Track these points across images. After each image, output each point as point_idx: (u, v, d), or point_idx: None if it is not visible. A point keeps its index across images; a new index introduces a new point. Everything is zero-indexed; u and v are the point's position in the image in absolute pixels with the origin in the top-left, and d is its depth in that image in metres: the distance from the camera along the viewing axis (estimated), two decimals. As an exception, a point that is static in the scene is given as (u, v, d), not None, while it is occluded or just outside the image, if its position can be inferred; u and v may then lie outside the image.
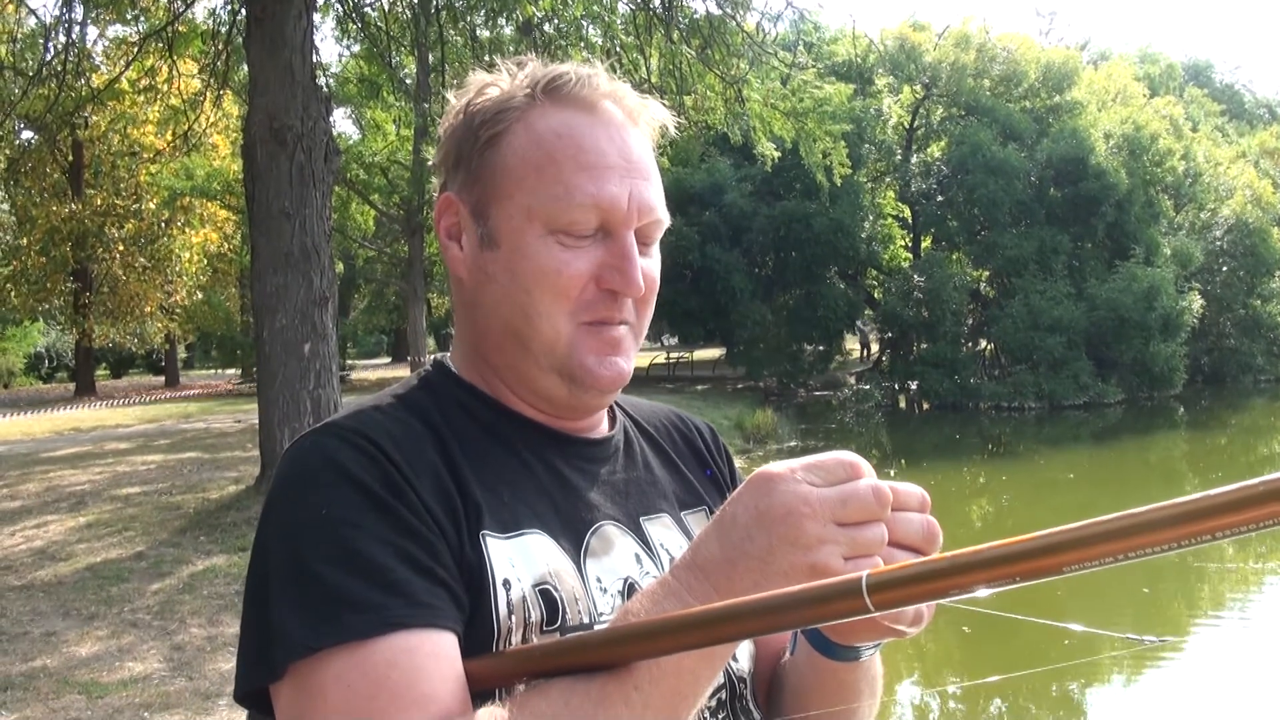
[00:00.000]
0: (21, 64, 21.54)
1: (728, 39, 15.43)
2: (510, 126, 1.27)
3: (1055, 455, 23.67)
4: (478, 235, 1.28)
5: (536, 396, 1.32)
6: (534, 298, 1.24)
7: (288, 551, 1.10)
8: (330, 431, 1.19)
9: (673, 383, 34.51)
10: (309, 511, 1.11)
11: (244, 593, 1.17)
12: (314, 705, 1.03)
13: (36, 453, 17.81)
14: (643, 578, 1.29)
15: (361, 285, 43.67)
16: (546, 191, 1.23)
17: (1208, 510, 0.79)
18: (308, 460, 1.16)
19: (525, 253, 1.24)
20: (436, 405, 1.28)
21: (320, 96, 11.57)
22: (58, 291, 33.60)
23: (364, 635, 1.03)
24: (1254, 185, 38.35)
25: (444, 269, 1.42)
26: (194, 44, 16.85)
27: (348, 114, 33.78)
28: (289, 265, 11.05)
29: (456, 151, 1.31)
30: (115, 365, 51.52)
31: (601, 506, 1.32)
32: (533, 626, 1.16)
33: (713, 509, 1.40)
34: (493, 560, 1.16)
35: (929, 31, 38.05)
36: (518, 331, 1.27)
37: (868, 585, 0.91)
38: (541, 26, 16.64)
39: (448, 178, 1.33)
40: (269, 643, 1.06)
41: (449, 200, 1.32)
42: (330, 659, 1.03)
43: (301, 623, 1.04)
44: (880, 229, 36.69)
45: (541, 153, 1.25)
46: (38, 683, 6.71)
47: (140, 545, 10.29)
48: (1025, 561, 0.89)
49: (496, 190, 1.27)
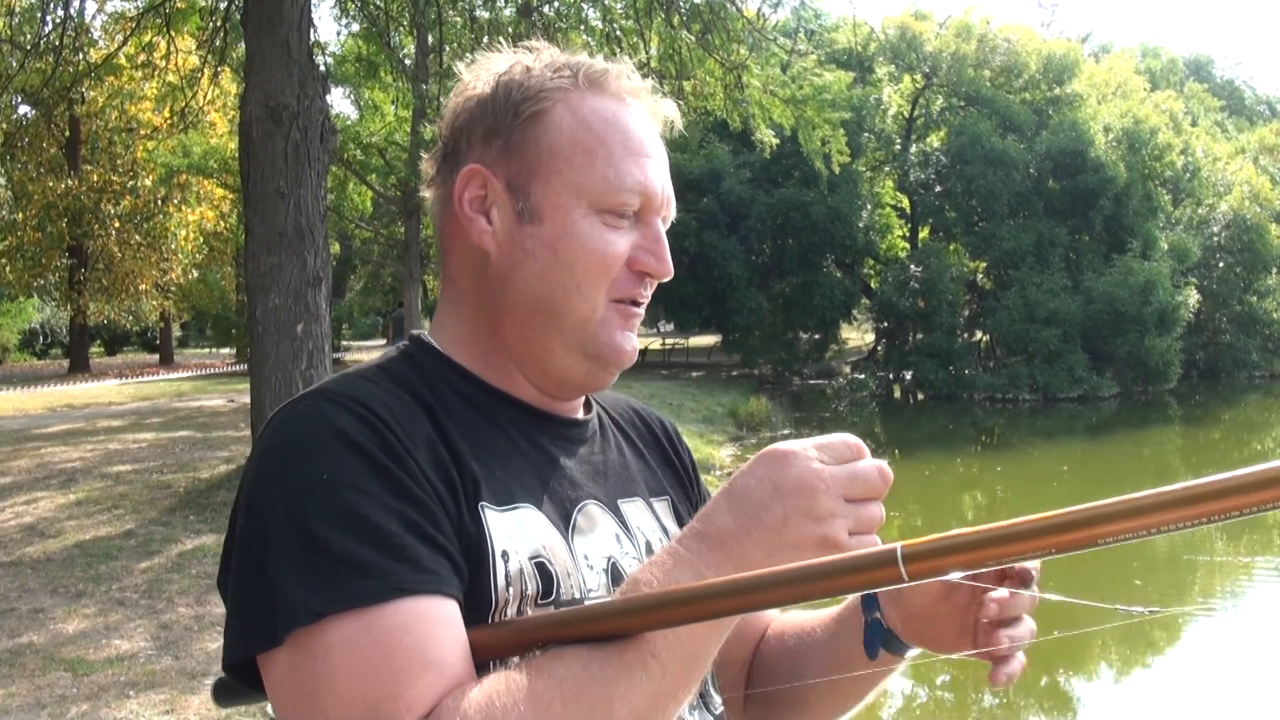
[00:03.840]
0: (19, 38, 21.41)
1: (728, 24, 15.36)
2: (554, 106, 1.28)
3: (1049, 447, 23.70)
4: (515, 209, 1.28)
5: (544, 376, 1.33)
6: (576, 275, 1.26)
7: (289, 515, 1.07)
8: (325, 397, 1.17)
9: (667, 369, 34.55)
10: (310, 475, 1.08)
11: (229, 558, 1.16)
12: (322, 671, 1.01)
13: (29, 429, 17.77)
14: (624, 557, 1.30)
15: (357, 266, 43.56)
16: (598, 173, 1.26)
17: (1231, 489, 0.85)
18: (305, 424, 1.14)
19: (571, 230, 1.26)
20: (423, 379, 1.27)
21: (317, 75, 11.51)
22: (53, 268, 33.56)
23: (373, 600, 1.02)
24: (1252, 181, 38.39)
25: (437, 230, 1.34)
26: (192, 20, 16.76)
27: (346, 94, 33.66)
28: (283, 245, 10.99)
29: (491, 122, 1.30)
30: (110, 342, 51.51)
31: (585, 485, 1.34)
32: (529, 599, 1.17)
33: (674, 499, 1.47)
34: (492, 531, 1.17)
35: (930, 21, 38.06)
36: (553, 308, 1.27)
37: (903, 555, 0.95)
38: (541, 9, 16.60)
39: (472, 149, 1.31)
40: (269, 609, 1.04)
41: (477, 172, 1.29)
42: (338, 624, 1.02)
43: (307, 588, 1.02)
44: (878, 218, 36.73)
45: (591, 135, 1.27)
46: (24, 659, 6.68)
47: (130, 524, 10.27)
48: (1061, 534, 0.91)
49: (541, 166, 1.27)
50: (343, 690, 1.00)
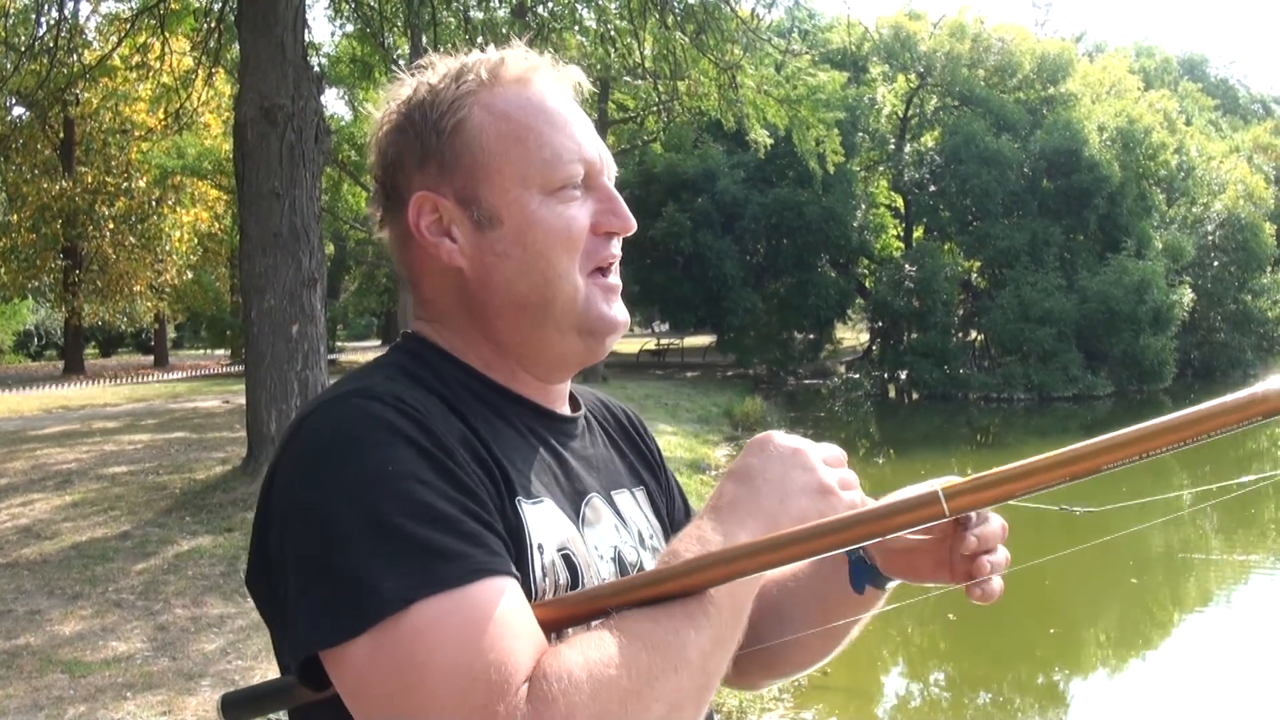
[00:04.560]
0: (13, 39, 21.43)
1: (722, 25, 15.40)
2: (470, 111, 1.31)
3: (1044, 447, 23.14)
4: (472, 220, 1.30)
5: (546, 364, 1.37)
6: (551, 260, 1.30)
7: (359, 508, 1.08)
8: (366, 394, 1.18)
9: (662, 369, 34.55)
10: (373, 468, 1.10)
11: (267, 560, 1.17)
12: (422, 652, 1.03)
13: (24, 430, 17.75)
14: (624, 546, 1.38)
15: (352, 267, 43.50)
16: (534, 157, 1.30)
17: (1205, 417, 1.09)
18: (356, 421, 1.15)
19: (532, 220, 1.29)
20: (438, 378, 1.29)
21: (312, 76, 11.52)
22: (47, 269, 33.48)
23: (459, 582, 1.05)
24: (1247, 180, 38.43)
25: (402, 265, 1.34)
26: (186, 21, 16.78)
27: (340, 95, 33.65)
28: (278, 246, 11.00)
29: (418, 148, 1.32)
30: (104, 344, 51.43)
31: (586, 479, 1.39)
32: (560, 589, 1.23)
33: (649, 488, 1.55)
34: (529, 525, 1.22)
35: (924, 20, 38.07)
36: (540, 299, 1.31)
37: (944, 494, 1.14)
38: (535, 9, 16.61)
39: (410, 178, 1.33)
40: (353, 599, 1.05)
41: (426, 198, 1.31)
42: (429, 607, 1.04)
43: (393, 576, 1.04)
44: (873, 218, 36.76)
45: (514, 124, 1.30)
46: (21, 661, 6.68)
47: (126, 525, 10.25)
48: (1073, 465, 1.13)
49: (480, 171, 1.30)
50: (446, 666, 1.02)
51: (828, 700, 8.01)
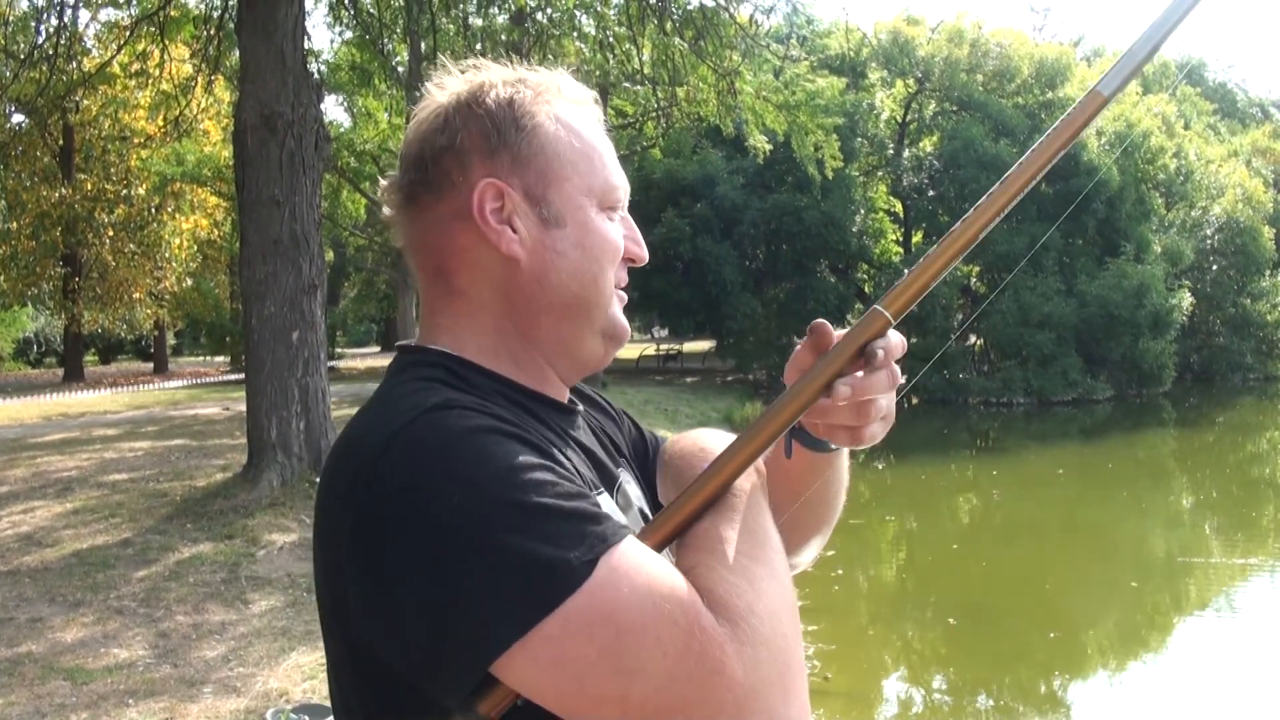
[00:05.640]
0: (13, 47, 21.46)
1: (721, 31, 15.41)
2: (543, 119, 1.37)
3: (1044, 451, 23.74)
4: (538, 216, 1.35)
5: (572, 362, 1.43)
6: (602, 266, 1.37)
7: (501, 500, 1.09)
8: (450, 406, 1.19)
9: (662, 375, 34.55)
10: (495, 463, 1.12)
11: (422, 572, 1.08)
12: (617, 606, 1.07)
13: (24, 438, 17.75)
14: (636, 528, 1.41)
15: (352, 274, 43.56)
16: (598, 174, 1.38)
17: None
18: (455, 426, 1.16)
19: (592, 228, 1.37)
20: (475, 391, 1.30)
21: (311, 83, 11.54)
22: (47, 276, 33.47)
23: (617, 539, 1.10)
24: (1245, 184, 38.45)
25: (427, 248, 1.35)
26: (186, 29, 16.78)
27: (339, 101, 33.74)
28: (278, 253, 11.02)
29: (493, 137, 1.35)
30: (104, 351, 51.35)
31: (608, 467, 1.47)
32: None
33: (627, 458, 1.62)
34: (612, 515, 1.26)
35: (923, 26, 38.06)
36: (586, 300, 1.37)
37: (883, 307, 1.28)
38: (534, 16, 16.63)
39: (475, 164, 1.34)
40: (534, 579, 1.06)
41: (493, 185, 1.33)
42: (608, 562, 1.08)
43: (562, 547, 1.07)
44: (872, 223, 36.75)
45: (582, 142, 1.38)
46: (23, 668, 6.69)
47: (127, 532, 10.26)
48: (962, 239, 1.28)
49: (553, 174, 1.36)
50: (642, 607, 1.07)
51: (828, 705, 8.02)
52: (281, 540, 9.74)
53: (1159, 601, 11.99)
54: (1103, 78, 1.38)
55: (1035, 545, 13.94)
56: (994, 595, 11.34)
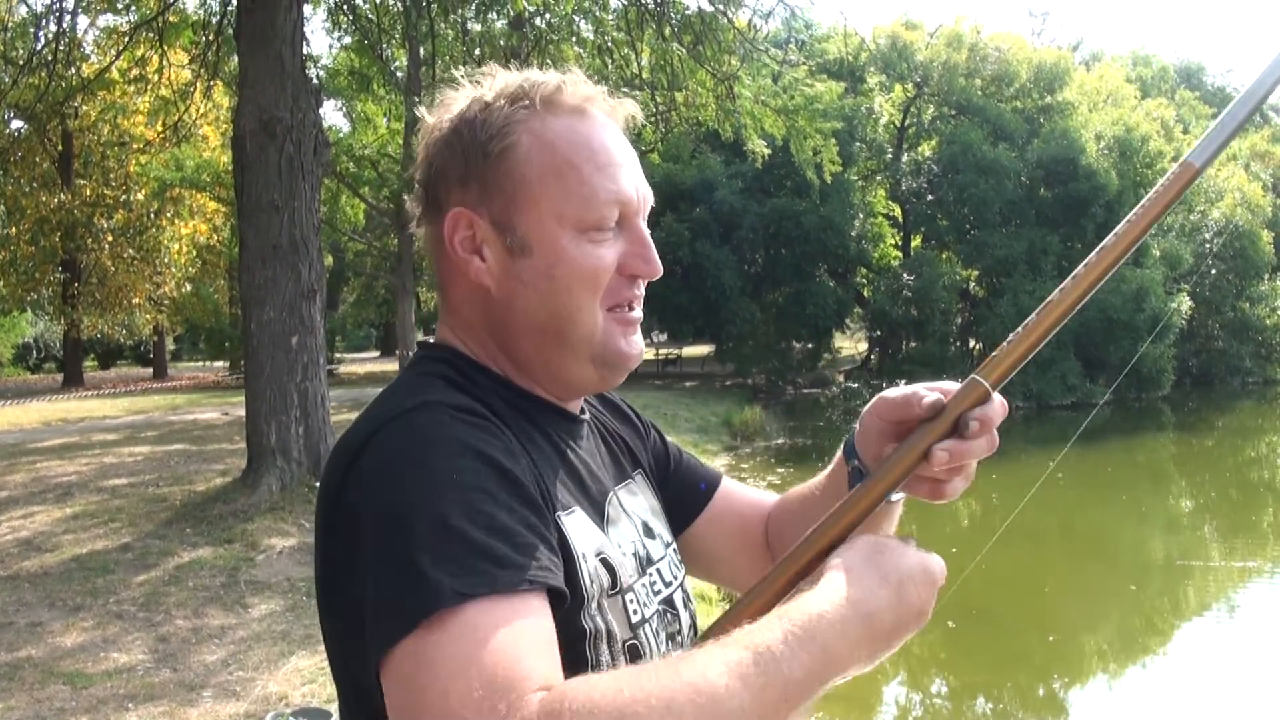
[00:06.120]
0: (12, 53, 21.46)
1: (719, 35, 15.42)
2: (519, 137, 1.33)
3: (1042, 454, 23.69)
4: (504, 245, 1.33)
5: (562, 386, 1.41)
6: (574, 296, 1.33)
7: (428, 513, 1.10)
8: (434, 407, 1.21)
9: (661, 379, 34.53)
10: (442, 477, 1.12)
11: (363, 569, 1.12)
12: (465, 646, 1.04)
13: (24, 443, 17.75)
14: (635, 542, 1.42)
15: (351, 278, 43.61)
16: (573, 195, 1.32)
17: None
18: (427, 432, 1.18)
19: (562, 256, 1.32)
20: (476, 388, 1.32)
21: (310, 89, 11.55)
22: (46, 282, 33.51)
23: (511, 588, 1.08)
24: (1244, 188, 38.47)
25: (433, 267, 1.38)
26: (185, 34, 16.80)
27: (338, 107, 33.73)
28: (277, 258, 11.03)
29: (462, 165, 1.34)
30: (103, 356, 51.38)
31: (603, 478, 1.45)
32: (604, 592, 1.29)
33: (644, 466, 1.61)
34: (570, 537, 1.26)
35: (921, 30, 38.10)
36: (559, 330, 1.34)
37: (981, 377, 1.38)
38: (533, 21, 16.63)
39: (451, 192, 1.36)
40: (415, 594, 1.06)
41: (462, 215, 1.34)
42: (479, 606, 1.05)
43: (451, 575, 1.06)
44: (870, 227, 36.76)
45: (559, 159, 1.33)
46: (23, 673, 6.69)
47: (126, 537, 10.26)
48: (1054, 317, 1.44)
49: (519, 200, 1.32)
50: (484, 663, 1.03)
51: (828, 708, 8.02)
52: (281, 545, 9.75)
53: (1158, 605, 11.99)
54: (1194, 148, 1.43)
55: (1034, 548, 13.94)
56: (993, 598, 11.33)
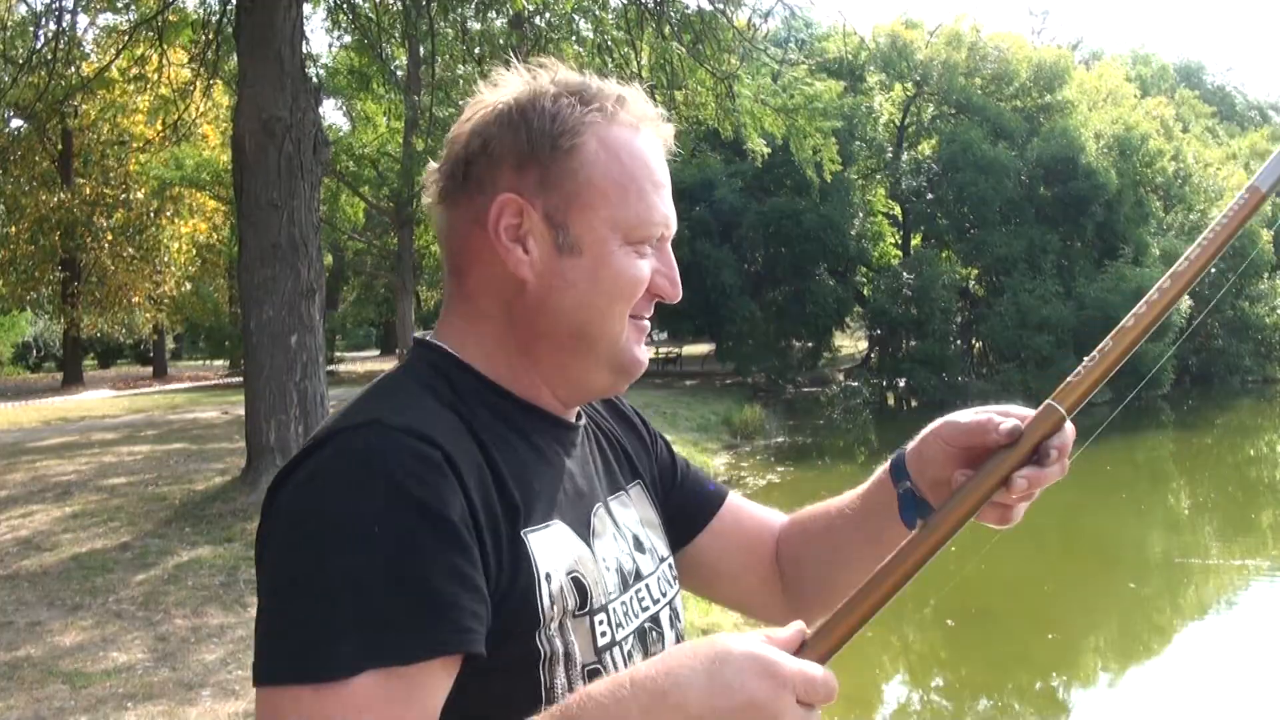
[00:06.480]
0: (11, 52, 21.48)
1: (719, 34, 15.43)
2: (586, 140, 1.31)
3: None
4: (554, 241, 1.31)
5: (573, 390, 1.40)
6: (612, 301, 1.32)
7: (347, 559, 1.08)
8: (383, 431, 1.16)
9: (661, 378, 34.52)
10: (366, 520, 1.09)
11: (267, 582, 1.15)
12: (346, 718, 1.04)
13: (23, 442, 17.75)
14: (622, 555, 1.39)
15: (350, 278, 43.53)
16: (631, 208, 1.32)
17: None
18: (364, 464, 1.14)
19: (610, 262, 1.31)
20: (456, 393, 1.30)
21: (310, 88, 11.55)
22: (46, 281, 33.51)
23: (409, 659, 1.06)
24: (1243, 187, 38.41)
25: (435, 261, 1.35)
26: (184, 33, 16.77)
27: (338, 106, 33.76)
28: (277, 257, 11.02)
29: (526, 152, 1.31)
30: (103, 355, 51.38)
31: (592, 489, 1.41)
32: (569, 613, 1.25)
33: (644, 477, 1.58)
34: (536, 556, 1.23)
35: (921, 29, 38.08)
36: (590, 333, 1.33)
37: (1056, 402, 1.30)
38: (532, 20, 16.63)
39: (502, 175, 1.32)
40: (310, 648, 1.05)
41: (514, 201, 1.30)
42: (372, 678, 1.04)
43: (349, 639, 1.05)
44: (870, 226, 36.77)
45: (623, 170, 1.32)
46: (22, 672, 6.69)
47: (126, 536, 10.26)
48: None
49: (580, 200, 1.31)
50: None
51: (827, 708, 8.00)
52: (280, 544, 9.72)
53: (1157, 603, 11.99)
54: (1260, 173, 1.41)
55: (1034, 547, 13.93)
56: (993, 597, 11.33)
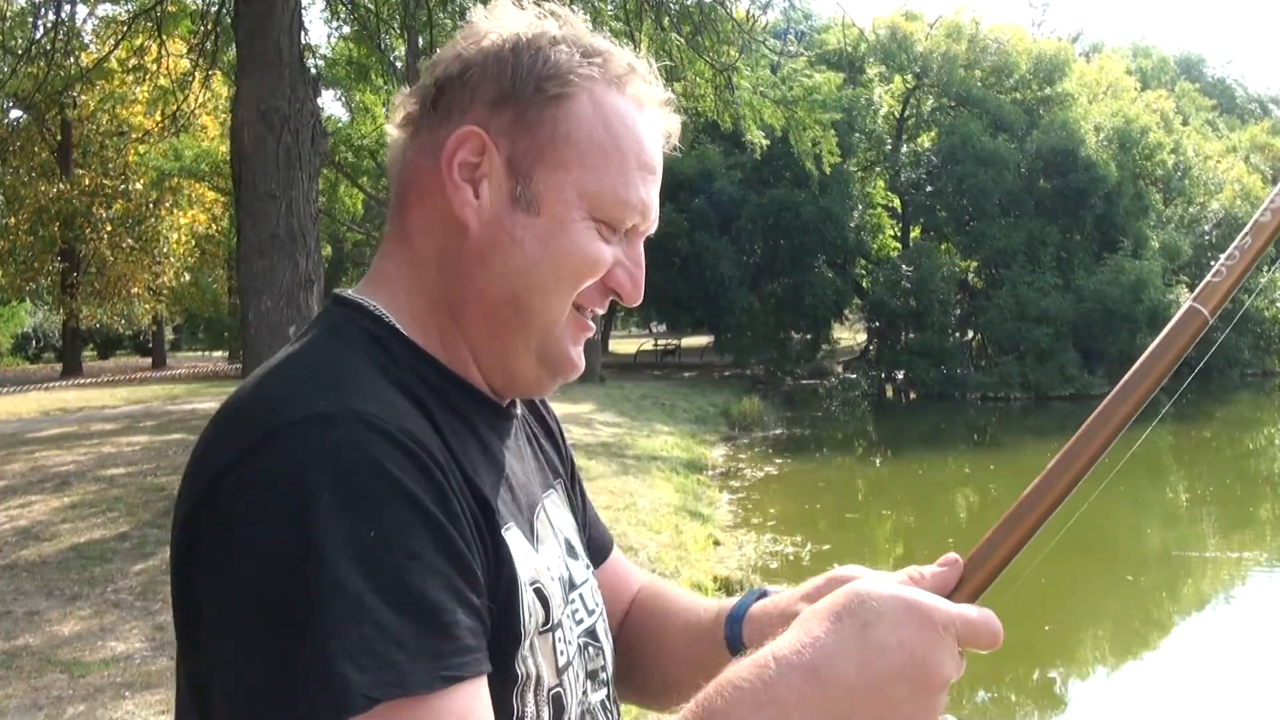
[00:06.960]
0: (10, 42, 21.43)
1: (718, 26, 15.41)
2: (577, 93, 1.18)
3: (1041, 446, 23.69)
4: (510, 191, 1.17)
5: (498, 372, 1.24)
6: (559, 275, 1.17)
7: (340, 579, 0.92)
8: (358, 420, 1.00)
9: (660, 369, 34.56)
10: (357, 529, 0.94)
11: (240, 602, 0.95)
12: None
13: (22, 433, 17.74)
14: (558, 561, 1.26)
15: (349, 269, 43.52)
16: (608, 179, 1.18)
17: None
18: (345, 459, 0.97)
19: (567, 231, 1.17)
20: (401, 373, 1.14)
21: (308, 79, 11.52)
22: (45, 271, 33.45)
23: (426, 689, 0.93)
24: (1243, 180, 38.47)
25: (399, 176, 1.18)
26: (183, 24, 16.79)
27: (337, 96, 33.69)
28: (275, 248, 11.00)
29: (506, 87, 1.18)
30: (102, 346, 51.34)
31: (530, 487, 1.28)
32: (536, 630, 1.14)
33: (563, 478, 1.43)
34: (516, 560, 1.12)
35: (921, 21, 38.08)
36: (526, 303, 1.18)
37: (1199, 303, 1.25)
38: (531, 11, 16.59)
39: (474, 107, 1.19)
40: (315, 686, 0.90)
41: (476, 136, 1.17)
42: (390, 711, 0.91)
43: (360, 669, 0.90)
44: (869, 218, 36.77)
45: (609, 137, 1.19)
46: (20, 661, 6.69)
47: (124, 526, 10.27)
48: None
49: (552, 154, 1.17)
50: None
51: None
52: (279, 534, 9.74)
53: (1154, 596, 12.01)
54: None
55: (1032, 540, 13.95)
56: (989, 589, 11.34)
